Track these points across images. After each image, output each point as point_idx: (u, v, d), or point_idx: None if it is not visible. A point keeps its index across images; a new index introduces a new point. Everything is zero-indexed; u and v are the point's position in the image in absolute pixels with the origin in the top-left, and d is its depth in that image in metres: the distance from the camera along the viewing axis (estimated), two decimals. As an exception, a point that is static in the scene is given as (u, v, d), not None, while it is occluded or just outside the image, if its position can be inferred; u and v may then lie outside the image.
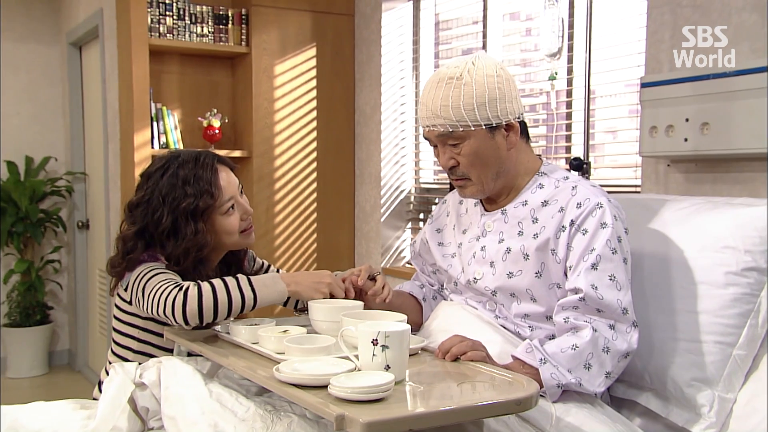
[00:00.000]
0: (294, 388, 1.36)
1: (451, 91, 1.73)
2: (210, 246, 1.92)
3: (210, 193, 1.90)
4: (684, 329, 1.79)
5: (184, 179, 1.90)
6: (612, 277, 1.68)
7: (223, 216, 1.95)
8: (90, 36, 4.83)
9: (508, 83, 1.78)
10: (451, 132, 1.76)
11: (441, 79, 1.76)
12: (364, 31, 4.12)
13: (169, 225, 1.88)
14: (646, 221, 1.95)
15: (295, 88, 4.07)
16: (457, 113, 1.73)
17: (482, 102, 1.73)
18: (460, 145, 1.78)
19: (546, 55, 2.66)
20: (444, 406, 1.30)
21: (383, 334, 1.40)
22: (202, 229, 1.89)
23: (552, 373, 1.61)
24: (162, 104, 3.91)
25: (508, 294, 1.82)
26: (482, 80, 1.74)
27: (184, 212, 1.88)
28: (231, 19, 3.97)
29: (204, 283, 1.72)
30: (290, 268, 4.09)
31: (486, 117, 1.75)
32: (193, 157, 1.95)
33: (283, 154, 4.05)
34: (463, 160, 1.80)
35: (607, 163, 3.15)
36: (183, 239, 1.87)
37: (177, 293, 1.70)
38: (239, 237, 1.99)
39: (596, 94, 3.17)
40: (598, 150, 3.21)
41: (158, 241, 1.90)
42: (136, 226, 1.91)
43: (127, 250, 1.91)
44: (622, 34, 2.87)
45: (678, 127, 2.35)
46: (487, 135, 1.77)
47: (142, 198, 1.93)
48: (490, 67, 1.76)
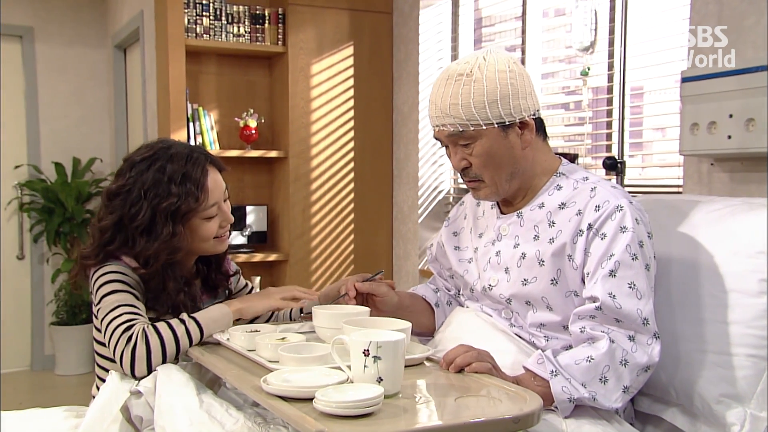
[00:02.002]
0: (279, 400, 1.30)
1: (461, 88, 1.64)
2: (183, 251, 1.83)
3: (195, 197, 1.80)
4: (713, 341, 1.66)
5: (171, 176, 1.79)
6: (632, 285, 1.57)
7: (203, 221, 1.85)
8: (132, 38, 4.87)
9: (522, 78, 1.67)
10: (462, 132, 1.66)
11: (450, 75, 1.67)
12: (403, 29, 4.05)
13: (146, 222, 1.78)
14: (674, 224, 1.83)
15: (332, 88, 4.03)
16: (468, 112, 1.64)
17: (494, 99, 1.63)
18: (472, 146, 1.68)
19: (578, 49, 2.53)
20: (431, 423, 1.21)
21: (375, 344, 1.32)
22: (179, 231, 1.79)
23: (563, 386, 1.51)
24: (198, 105, 3.91)
25: (523, 302, 1.71)
26: (494, 76, 1.64)
27: (164, 211, 1.77)
28: (267, 19, 3.94)
29: (152, 337, 1.65)
30: (327, 270, 4.04)
31: (498, 115, 1.65)
32: (185, 153, 1.84)
33: (320, 154, 4.01)
34: (476, 160, 1.70)
35: (655, 162, 3.02)
36: (156, 239, 1.77)
37: (125, 349, 1.63)
38: (212, 242, 1.89)
39: (644, 89, 3.05)
40: (645, 148, 3.08)
41: (130, 236, 1.80)
42: (114, 216, 1.81)
43: (105, 242, 1.81)
44: (665, 26, 2.74)
45: (721, 123, 2.24)
46: (500, 134, 1.67)
47: (122, 187, 1.82)
48: (501, 62, 1.66)
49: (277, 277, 4.13)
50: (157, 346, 1.64)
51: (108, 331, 1.67)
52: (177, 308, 1.81)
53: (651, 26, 2.81)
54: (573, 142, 3.28)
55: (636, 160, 3.11)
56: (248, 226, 4.02)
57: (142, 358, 1.62)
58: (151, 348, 1.63)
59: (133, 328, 1.65)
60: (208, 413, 1.43)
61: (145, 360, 1.62)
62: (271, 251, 4.08)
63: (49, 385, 5.05)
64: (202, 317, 1.72)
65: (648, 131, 3.12)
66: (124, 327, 1.66)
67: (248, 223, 4.02)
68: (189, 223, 1.83)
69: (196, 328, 1.70)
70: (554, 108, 3.48)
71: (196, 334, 1.70)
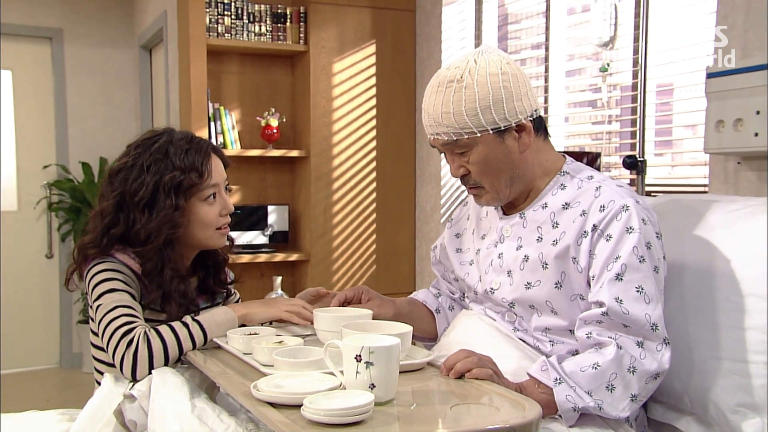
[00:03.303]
0: (268, 406, 1.26)
1: (453, 96, 1.57)
2: (183, 227, 1.80)
3: (198, 172, 1.80)
4: (729, 347, 1.59)
5: (174, 152, 1.80)
6: (639, 289, 1.50)
7: (203, 202, 1.84)
8: (157, 38, 4.89)
9: (516, 79, 1.59)
10: (456, 140, 1.60)
11: (441, 82, 1.61)
12: (425, 26, 4.00)
13: (148, 195, 1.77)
14: (689, 225, 1.75)
15: (354, 86, 3.99)
16: (460, 120, 1.57)
17: (486, 105, 1.56)
18: (468, 153, 1.62)
19: (597, 44, 2.45)
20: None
21: (367, 350, 1.28)
22: (182, 205, 1.78)
23: (567, 395, 1.45)
24: (220, 104, 3.90)
25: (527, 306, 1.65)
26: (485, 80, 1.56)
27: (167, 185, 1.77)
28: (289, 18, 3.92)
29: (154, 340, 1.62)
30: (348, 271, 4.01)
31: (492, 121, 1.58)
32: (188, 136, 1.86)
33: (342, 154, 3.98)
34: (473, 168, 1.63)
35: (684, 160, 2.93)
36: (159, 213, 1.76)
37: (125, 352, 1.60)
38: (213, 233, 1.87)
39: (674, 86, 2.97)
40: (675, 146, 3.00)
41: (131, 213, 1.79)
42: (114, 196, 1.80)
43: (107, 225, 1.79)
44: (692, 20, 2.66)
45: (747, 120, 2.16)
46: (496, 140, 1.60)
47: (125, 164, 1.82)
48: (493, 64, 1.58)
49: (299, 277, 4.11)
50: (159, 349, 1.61)
51: (106, 333, 1.64)
52: (168, 297, 1.78)
53: (676, 20, 2.73)
54: (600, 141, 3.21)
55: (666, 158, 3.03)
56: (270, 226, 4.00)
57: (144, 361, 1.59)
58: (153, 351, 1.60)
59: (134, 331, 1.63)
60: (199, 418, 1.39)
61: (147, 363, 1.60)
62: (293, 251, 4.06)
63: (77, 383, 5.11)
64: (206, 320, 1.70)
65: (677, 129, 3.03)
66: (124, 330, 1.63)
67: (270, 222, 4.00)
68: (190, 201, 1.82)
69: (200, 331, 1.67)
70: (581, 105, 3.41)
71: (199, 338, 1.67)
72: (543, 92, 3.47)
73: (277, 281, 3.41)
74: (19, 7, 5.21)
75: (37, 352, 5.41)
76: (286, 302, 1.81)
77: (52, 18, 5.30)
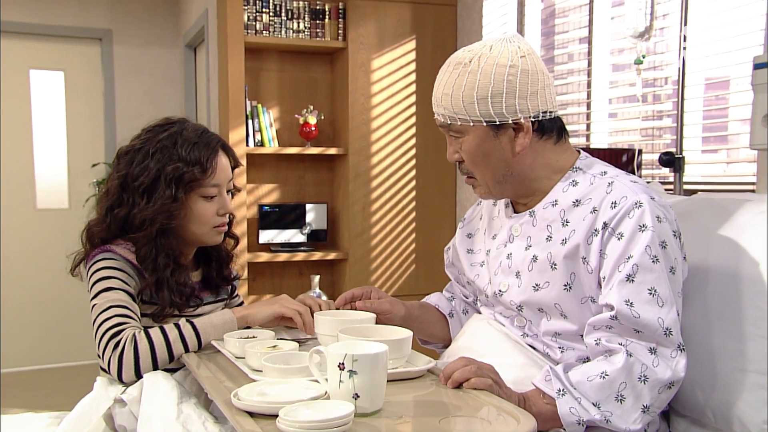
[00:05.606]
0: (246, 416, 1.21)
1: (456, 78, 1.49)
2: (179, 219, 1.78)
3: (202, 167, 1.78)
4: (756, 359, 1.47)
5: (182, 143, 1.79)
6: (652, 291, 1.39)
7: (202, 199, 1.81)
8: (200, 37, 4.91)
9: (525, 76, 1.48)
10: (450, 124, 1.53)
11: (451, 62, 1.53)
12: (466, 21, 3.91)
13: (148, 182, 1.76)
14: (716, 226, 1.62)
15: (394, 83, 3.92)
16: (456, 104, 1.50)
17: (484, 96, 1.48)
18: (461, 140, 1.54)
19: (631, 36, 2.32)
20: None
21: (351, 358, 1.21)
22: (180, 197, 1.76)
23: (572, 407, 1.36)
24: (258, 102, 3.88)
25: (536, 309, 1.55)
26: (490, 69, 1.47)
27: (168, 175, 1.76)
28: (327, 14, 3.88)
29: (142, 342, 1.58)
30: (387, 270, 3.95)
31: (487, 113, 1.49)
32: (200, 130, 1.84)
33: (380, 151, 3.91)
34: (465, 156, 1.55)
35: (736, 157, 2.78)
36: (156, 201, 1.75)
37: (112, 354, 1.57)
38: (209, 230, 1.84)
39: (730, 77, 2.81)
40: (731, 142, 2.84)
41: (132, 195, 1.78)
42: (119, 177, 1.80)
43: (110, 205, 1.80)
44: (738, 9, 2.51)
45: (797, 114, 2.01)
46: (489, 133, 1.51)
47: (132, 147, 1.82)
48: (506, 54, 1.49)
49: (337, 276, 4.06)
50: (146, 351, 1.57)
51: (98, 334, 1.62)
52: (160, 284, 1.75)
53: (723, 10, 2.58)
54: (647, 138, 3.07)
55: (721, 155, 2.87)
56: (308, 224, 3.97)
57: (130, 363, 1.56)
58: (139, 353, 1.57)
59: (123, 333, 1.60)
60: (184, 425, 1.35)
61: (133, 366, 1.56)
62: (331, 250, 4.02)
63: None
64: (200, 322, 1.65)
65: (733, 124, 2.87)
66: (112, 332, 1.60)
67: (308, 221, 3.97)
68: (189, 195, 1.80)
69: (193, 333, 1.63)
70: (630, 100, 3.26)
71: (192, 340, 1.62)
72: (586, 87, 3.34)
73: (315, 280, 3.37)
74: (70, 10, 5.30)
75: (85, 348, 5.48)
76: (290, 300, 1.76)
77: (101, 19, 5.38)
